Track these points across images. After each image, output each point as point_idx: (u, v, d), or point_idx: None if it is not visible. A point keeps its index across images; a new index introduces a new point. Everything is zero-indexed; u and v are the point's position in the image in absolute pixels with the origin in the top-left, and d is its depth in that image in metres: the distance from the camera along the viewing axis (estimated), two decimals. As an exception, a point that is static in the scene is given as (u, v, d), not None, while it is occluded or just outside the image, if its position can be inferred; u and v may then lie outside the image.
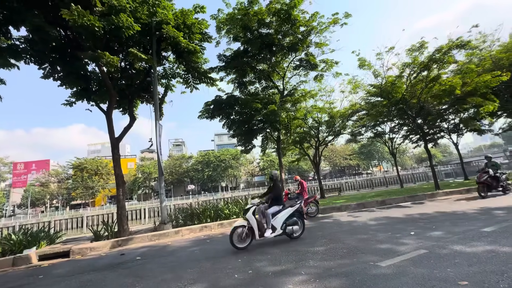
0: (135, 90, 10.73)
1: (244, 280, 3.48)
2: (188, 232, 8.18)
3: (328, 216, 9.04)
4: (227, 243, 5.39)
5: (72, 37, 8.67)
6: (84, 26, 7.02)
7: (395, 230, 5.63)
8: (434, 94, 13.51)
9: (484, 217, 6.09)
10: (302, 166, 60.26)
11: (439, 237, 4.67)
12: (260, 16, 11.97)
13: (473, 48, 14.19)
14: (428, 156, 15.19)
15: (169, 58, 11.09)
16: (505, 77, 12.29)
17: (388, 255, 3.89)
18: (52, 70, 9.25)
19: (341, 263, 3.76)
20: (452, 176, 35.50)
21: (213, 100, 13.77)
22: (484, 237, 4.35)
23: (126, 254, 6.13)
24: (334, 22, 12.93)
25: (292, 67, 14.93)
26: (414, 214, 7.57)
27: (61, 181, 56.24)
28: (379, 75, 15.11)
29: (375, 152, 68.73)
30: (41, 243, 7.76)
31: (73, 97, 10.16)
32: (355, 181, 52.05)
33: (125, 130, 10.12)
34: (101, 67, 8.73)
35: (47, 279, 4.74)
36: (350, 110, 18.25)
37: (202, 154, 62.10)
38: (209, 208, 9.67)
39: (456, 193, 11.73)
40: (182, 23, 9.41)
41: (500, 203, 7.87)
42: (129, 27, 7.64)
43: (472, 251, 3.69)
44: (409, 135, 21.25)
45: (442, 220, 6.28)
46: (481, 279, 2.73)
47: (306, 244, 5.14)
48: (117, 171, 9.42)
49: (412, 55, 13.45)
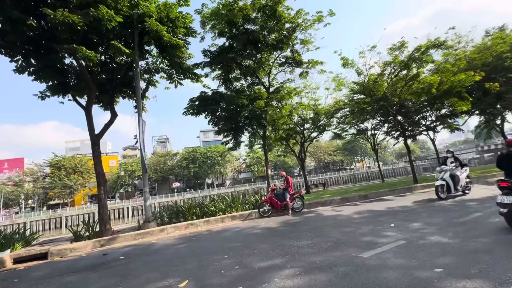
0: (116, 85, 10.35)
1: (231, 276, 3.49)
2: (174, 230, 8.07)
3: (313, 211, 9.23)
4: (213, 240, 5.39)
5: (47, 28, 8.18)
6: (64, 22, 6.68)
7: (377, 222, 5.85)
8: (413, 92, 14.07)
9: (458, 208, 6.47)
10: (287, 162, 60.97)
11: (417, 228, 4.91)
12: (245, 12, 11.86)
13: (449, 48, 14.88)
14: (407, 151, 15.84)
15: (152, 52, 10.77)
16: (478, 76, 13.01)
17: (370, 246, 4.04)
18: (26, 63, 8.68)
19: (326, 255, 3.86)
20: (429, 170, 37.37)
21: (198, 97, 13.57)
22: (458, 227, 4.62)
23: (108, 254, 5.95)
24: (319, 19, 13.09)
25: (278, 64, 14.98)
26: (395, 207, 7.90)
27: (37, 180, 53.43)
28: (361, 73, 15.51)
29: (358, 148, 70.73)
30: (16, 245, 7.38)
31: (49, 91, 9.64)
32: (339, 177, 53.43)
33: (106, 126, 9.76)
34: (79, 60, 8.32)
35: (23, 282, 4.52)
36: (334, 108, 18.63)
37: (188, 151, 61.15)
38: (195, 205, 9.58)
39: (433, 186, 12.31)
40: (165, 17, 9.15)
41: (473, 195, 8.37)
42: (110, 19, 7.32)
43: (447, 241, 3.92)
44: (390, 132, 22.05)
45: (420, 212, 6.60)
46: (455, 266, 2.91)
47: (292, 239, 5.23)
48: (98, 169, 9.09)
49: (393, 54, 13.89)
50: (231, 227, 7.68)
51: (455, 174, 8.39)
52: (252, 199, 10.35)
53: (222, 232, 7.10)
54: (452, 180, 8.29)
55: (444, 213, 6.05)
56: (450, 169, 8.43)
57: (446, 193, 8.19)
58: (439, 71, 14.34)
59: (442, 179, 8.29)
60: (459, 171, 8.59)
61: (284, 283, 3.04)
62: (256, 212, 9.27)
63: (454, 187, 8.18)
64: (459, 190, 8.30)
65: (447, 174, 8.30)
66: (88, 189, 51.52)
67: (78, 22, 6.81)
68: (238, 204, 9.87)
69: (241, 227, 7.56)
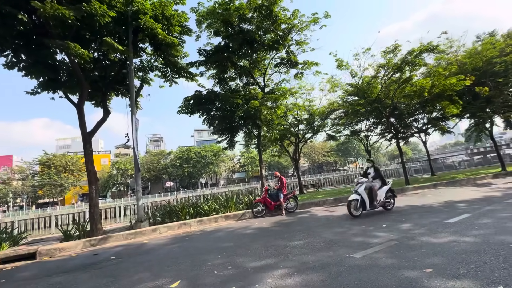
0: (110, 82, 10.19)
1: (223, 276, 3.48)
2: (166, 229, 8.00)
3: (307, 211, 9.27)
4: (206, 240, 5.36)
5: (38, 22, 7.99)
6: (55, 16, 6.53)
7: (369, 223, 5.92)
8: (406, 94, 14.30)
9: (448, 209, 6.59)
10: (282, 163, 61.20)
11: (408, 229, 4.99)
12: (241, 11, 11.84)
13: (441, 52, 15.17)
14: (399, 153, 16.09)
15: (146, 50, 10.64)
16: (469, 81, 13.30)
17: (362, 247, 4.08)
18: (16, 58, 8.47)
19: (318, 255, 3.89)
20: (420, 172, 38.07)
21: (193, 96, 13.48)
22: (448, 228, 4.71)
23: (99, 254, 5.86)
24: (314, 21, 13.16)
25: (274, 64, 15.01)
26: (386, 208, 7.99)
27: (26, 178, 52.24)
28: (356, 75, 15.69)
29: (352, 149, 71.53)
30: (3, 244, 7.19)
31: (39, 88, 9.43)
32: (332, 177, 53.88)
33: (98, 124, 9.60)
34: (71, 57, 8.16)
35: (10, 283, 4.41)
36: (329, 109, 18.78)
37: (182, 150, 60.73)
38: (188, 205, 9.51)
39: (424, 188, 12.56)
40: (160, 14, 9.05)
41: (463, 196, 8.53)
42: (103, 14, 7.20)
43: (437, 241, 3.99)
44: (383, 133, 22.34)
45: (411, 213, 6.70)
46: (444, 267, 2.97)
47: (285, 239, 5.24)
48: (89, 168, 8.94)
49: (387, 57, 14.09)
50: (224, 227, 7.65)
51: (372, 187, 7.03)
52: (246, 199, 10.34)
53: (215, 232, 7.07)
54: (369, 194, 6.94)
55: (434, 214, 6.15)
56: (367, 181, 7.12)
57: (361, 209, 6.84)
58: (431, 75, 14.61)
59: (357, 192, 6.88)
60: (378, 183, 7.25)
61: (277, 283, 3.04)
62: (249, 212, 9.26)
63: (369, 203, 6.88)
64: (376, 206, 6.99)
65: (362, 188, 6.90)
66: (79, 187, 50.65)
67: (69, 15, 6.65)
68: (232, 204, 9.85)
69: (234, 227, 7.55)
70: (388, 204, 7.33)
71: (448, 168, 34.00)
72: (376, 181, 7.30)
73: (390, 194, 7.43)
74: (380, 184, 7.26)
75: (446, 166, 36.24)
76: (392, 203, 7.48)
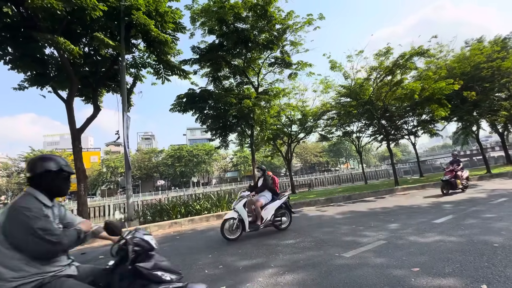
0: (100, 78, 9.99)
1: (214, 275, 3.47)
2: (157, 228, 7.91)
3: (298, 211, 9.32)
4: (197, 239, 5.32)
5: (26, 15, 7.75)
6: (43, 7, 6.34)
7: (359, 223, 6.00)
8: (397, 97, 14.57)
9: (435, 210, 6.75)
10: (274, 162, 61.23)
11: (396, 228, 5.09)
12: (236, 10, 11.80)
13: (431, 56, 15.51)
14: (390, 154, 16.38)
15: (139, 46, 10.48)
16: (457, 85, 13.65)
17: (352, 246, 4.14)
18: (2, 51, 8.20)
19: (309, 255, 3.92)
20: (409, 173, 38.83)
21: (186, 93, 13.37)
22: (434, 228, 4.83)
23: (87, 253, 5.74)
24: (309, 22, 13.24)
25: (268, 64, 15.02)
26: (376, 208, 8.14)
27: (11, 175, 50.68)
28: (348, 77, 15.88)
29: (343, 150, 72.40)
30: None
31: (27, 82, 9.17)
32: (324, 178, 54.38)
33: (88, 120, 9.42)
34: (60, 51, 7.96)
35: None
36: (322, 110, 18.95)
37: (174, 148, 60.07)
38: (180, 204, 9.43)
39: (412, 189, 12.83)
40: (154, 10, 8.92)
41: (448, 198, 8.77)
42: (94, 8, 7.03)
43: (424, 241, 4.09)
44: (374, 135, 22.68)
45: (400, 213, 6.83)
46: (430, 266, 3.04)
47: (276, 238, 5.27)
48: (78, 165, 8.75)
49: (379, 59, 14.31)
50: (216, 226, 7.60)
51: (255, 203, 5.57)
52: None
53: (206, 231, 7.04)
54: (251, 212, 5.56)
55: (422, 214, 6.29)
56: (249, 195, 5.71)
57: (240, 230, 5.37)
58: (421, 78, 14.92)
59: (235, 210, 5.47)
60: (265, 197, 5.80)
61: (267, 282, 3.05)
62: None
63: (252, 222, 5.48)
64: (259, 227, 5.44)
65: (240, 204, 5.47)
66: (67, 185, 49.42)
67: (57, 6, 6.45)
68: (224, 203, 9.82)
69: (226, 226, 7.52)
70: (280, 224, 5.77)
71: (436, 169, 34.74)
72: (263, 194, 5.83)
73: (284, 211, 5.87)
74: (270, 199, 5.82)
75: (434, 168, 37.02)
76: (286, 222, 5.93)
